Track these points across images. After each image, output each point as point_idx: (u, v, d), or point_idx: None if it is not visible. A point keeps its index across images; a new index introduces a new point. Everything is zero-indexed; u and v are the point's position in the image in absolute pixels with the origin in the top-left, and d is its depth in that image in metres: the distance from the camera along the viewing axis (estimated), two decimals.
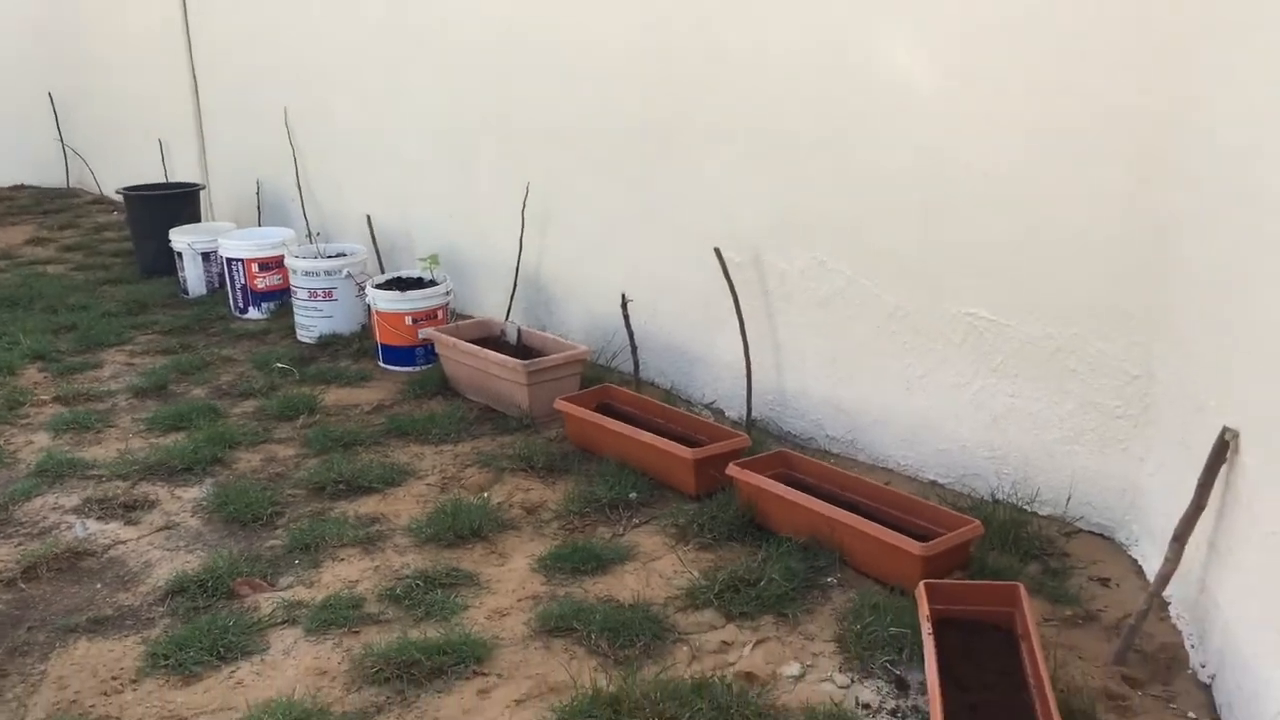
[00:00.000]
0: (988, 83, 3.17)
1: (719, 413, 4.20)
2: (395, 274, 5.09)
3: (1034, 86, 3.06)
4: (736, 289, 3.96)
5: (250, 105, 6.77)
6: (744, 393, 4.04)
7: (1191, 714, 2.44)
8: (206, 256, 5.96)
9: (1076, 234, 3.06)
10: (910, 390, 3.60)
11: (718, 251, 4.00)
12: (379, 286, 4.89)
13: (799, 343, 3.90)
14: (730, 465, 3.39)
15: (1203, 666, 2.56)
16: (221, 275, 5.89)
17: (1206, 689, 2.53)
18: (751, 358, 3.98)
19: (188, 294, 6.02)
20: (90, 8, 8.65)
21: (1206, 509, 2.52)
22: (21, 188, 9.63)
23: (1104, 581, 2.99)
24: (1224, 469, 2.46)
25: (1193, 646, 2.64)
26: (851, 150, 3.57)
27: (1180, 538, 2.57)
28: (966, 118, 3.23)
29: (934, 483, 3.57)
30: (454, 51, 5.14)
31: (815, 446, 3.91)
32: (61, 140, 9.39)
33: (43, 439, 4.18)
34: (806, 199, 3.76)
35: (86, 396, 4.57)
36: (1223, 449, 2.45)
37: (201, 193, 6.88)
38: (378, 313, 4.79)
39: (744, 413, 4.05)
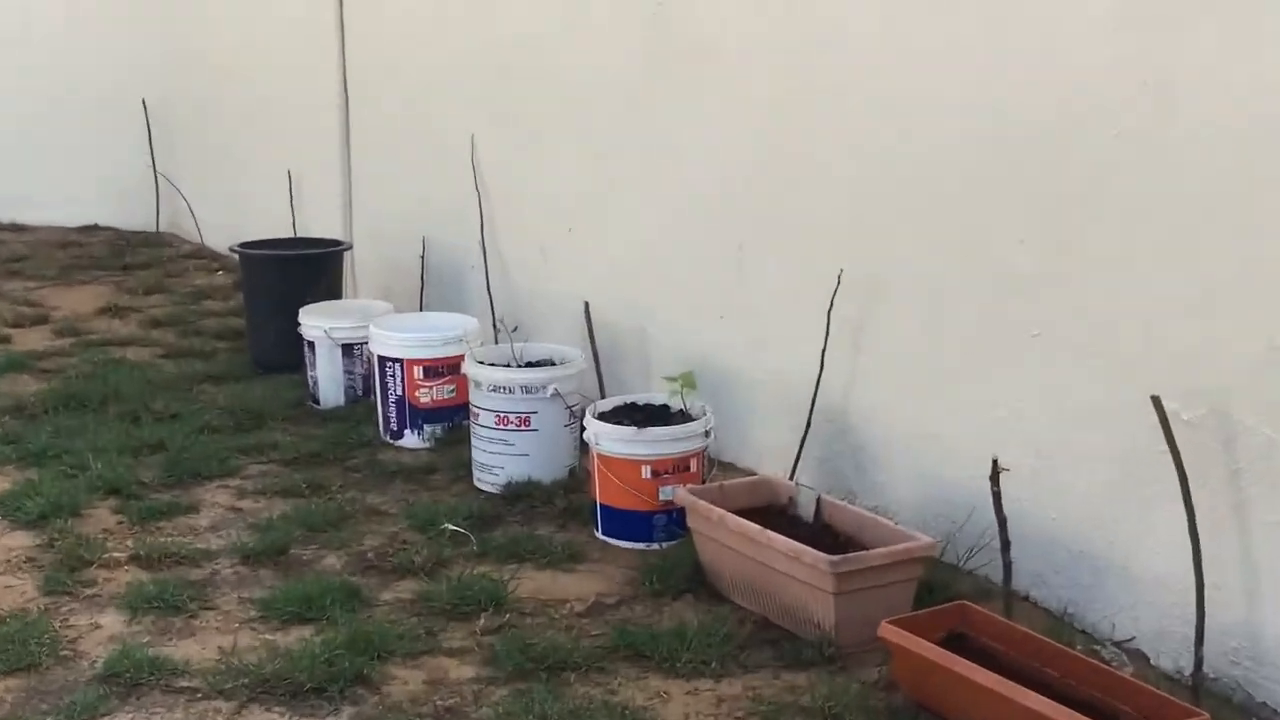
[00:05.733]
0: None
1: (1140, 656, 3.84)
2: (626, 398, 4.95)
3: None
4: (1184, 462, 3.60)
5: (419, 132, 6.84)
6: (1188, 630, 3.66)
7: None
8: (349, 350, 5.96)
9: None
10: None
11: (1157, 401, 3.64)
12: (603, 417, 4.74)
13: None
14: None
15: None
16: (368, 379, 5.85)
17: None
18: (1206, 575, 3.60)
19: (319, 403, 6.03)
20: None
21: None
22: (95, 229, 9.97)
23: None
24: None
25: None
26: None
27: None
28: None
29: None
30: (730, 84, 5.08)
31: None
32: (154, 167, 9.71)
33: (114, 622, 4.14)
34: None
35: (177, 557, 4.54)
36: None
37: (347, 255, 6.95)
38: (600, 457, 4.62)
39: (1187, 663, 3.67)
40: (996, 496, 3.96)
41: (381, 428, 5.67)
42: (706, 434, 4.67)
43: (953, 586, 4.05)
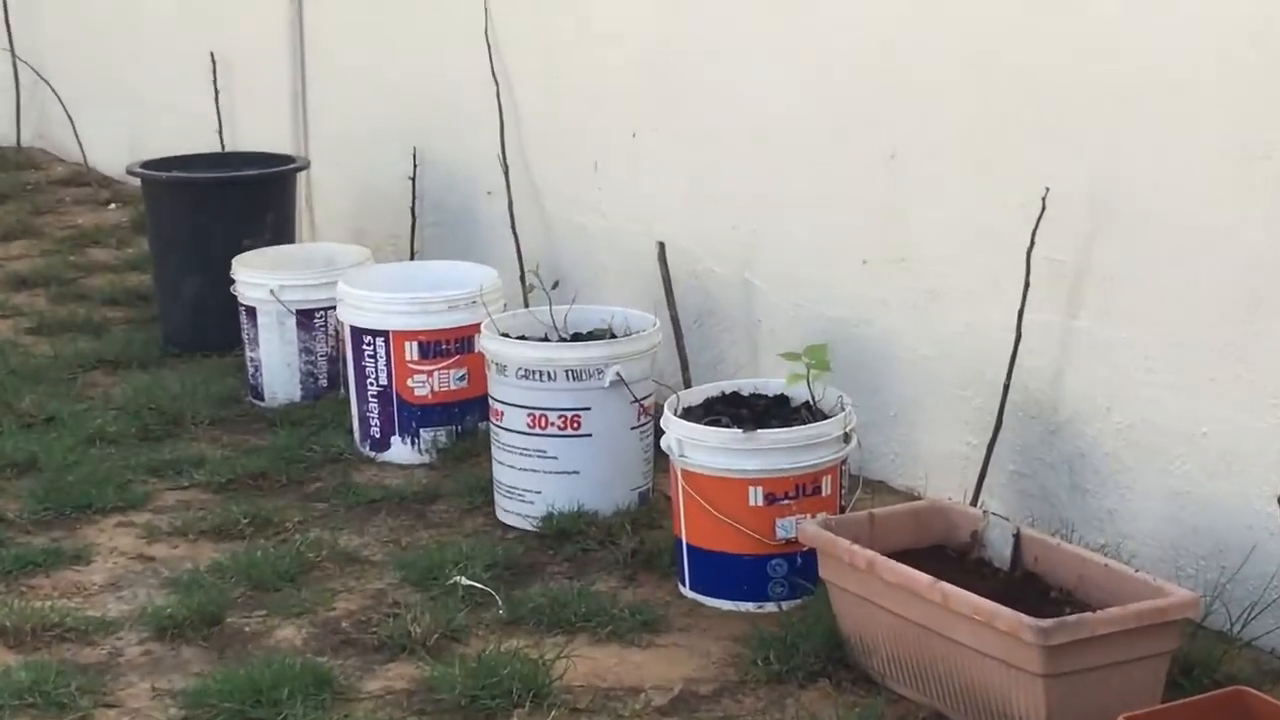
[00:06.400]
0: None
1: None
2: (723, 386, 4.91)
3: None
4: None
5: None
6: None
7: None
8: (307, 319, 5.92)
9: None
10: None
11: None
12: (689, 414, 4.66)
13: None
14: None
15: None
16: (336, 363, 5.83)
17: None
18: None
19: (264, 399, 6.03)
20: None
21: None
22: None
23: None
24: None
25: None
26: None
27: None
28: None
29: None
30: None
31: None
32: (12, 51, 9.82)
33: None
34: None
35: (59, 630, 4.45)
36: None
37: (301, 177, 7.00)
38: (687, 475, 4.53)
39: None
40: None
41: (358, 435, 5.64)
42: (846, 439, 4.58)
43: (1224, 664, 3.97)
